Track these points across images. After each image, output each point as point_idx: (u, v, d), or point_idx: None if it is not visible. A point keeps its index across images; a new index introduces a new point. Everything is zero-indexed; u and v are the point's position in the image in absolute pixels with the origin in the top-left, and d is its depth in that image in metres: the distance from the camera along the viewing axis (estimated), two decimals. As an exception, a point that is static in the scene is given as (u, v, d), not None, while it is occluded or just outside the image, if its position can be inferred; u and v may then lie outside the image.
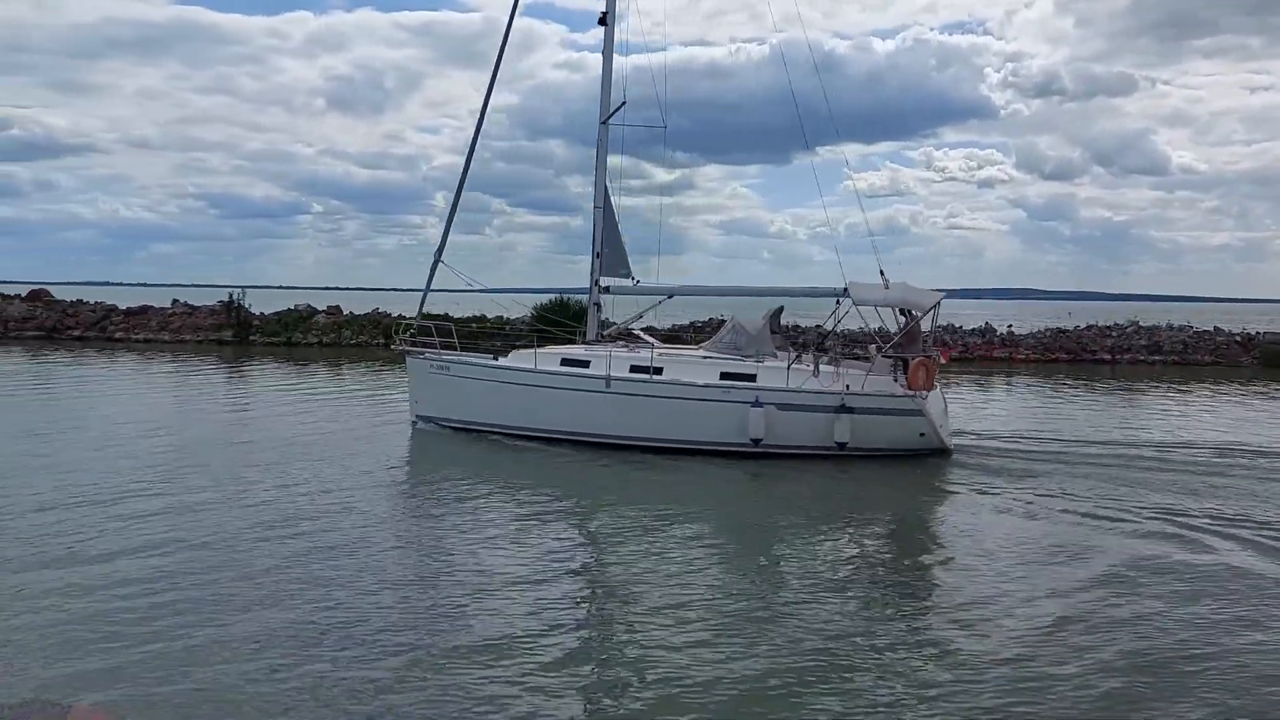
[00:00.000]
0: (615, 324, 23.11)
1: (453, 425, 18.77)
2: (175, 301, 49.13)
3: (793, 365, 16.86)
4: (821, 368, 17.07)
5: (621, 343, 19.75)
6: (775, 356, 17.29)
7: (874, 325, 18.45)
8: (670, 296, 20.02)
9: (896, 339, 17.51)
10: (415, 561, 10.20)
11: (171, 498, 12.78)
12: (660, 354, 17.96)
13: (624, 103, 19.67)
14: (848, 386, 16.48)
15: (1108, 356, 39.75)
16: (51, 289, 52.72)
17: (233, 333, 43.19)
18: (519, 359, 18.61)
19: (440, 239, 19.99)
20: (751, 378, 16.83)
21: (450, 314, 34.39)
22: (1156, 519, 12.17)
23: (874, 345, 18.45)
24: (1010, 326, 44.45)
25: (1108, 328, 43.26)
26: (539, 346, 18.86)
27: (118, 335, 44.00)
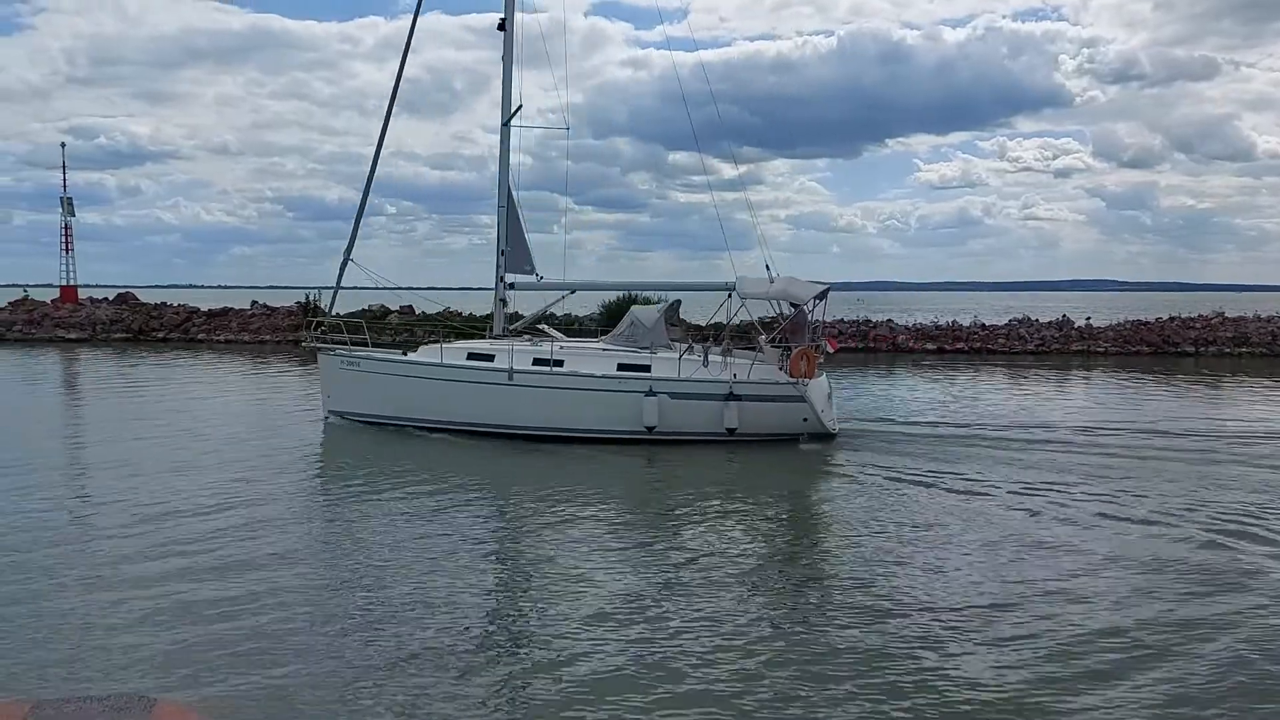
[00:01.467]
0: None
1: (363, 420, 19.39)
2: (254, 303, 50.41)
3: (684, 356, 17.68)
4: (711, 358, 17.74)
5: (527, 337, 20.57)
6: (670, 348, 18.07)
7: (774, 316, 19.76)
8: (572, 291, 21.23)
9: (780, 330, 18.79)
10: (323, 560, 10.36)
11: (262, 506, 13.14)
12: (561, 347, 18.73)
13: (520, 106, 20.48)
14: (735, 375, 17.35)
15: (1191, 349, 38.53)
16: (137, 292, 54.58)
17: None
18: (427, 354, 19.31)
19: (349, 240, 20.69)
20: (646, 369, 17.62)
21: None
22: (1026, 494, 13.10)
23: (763, 337, 19.12)
24: (1089, 319, 43.32)
25: (1191, 319, 41.90)
26: (448, 342, 19.78)
27: (200, 337, 45.34)
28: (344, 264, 20.32)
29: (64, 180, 58.02)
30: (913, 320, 47.12)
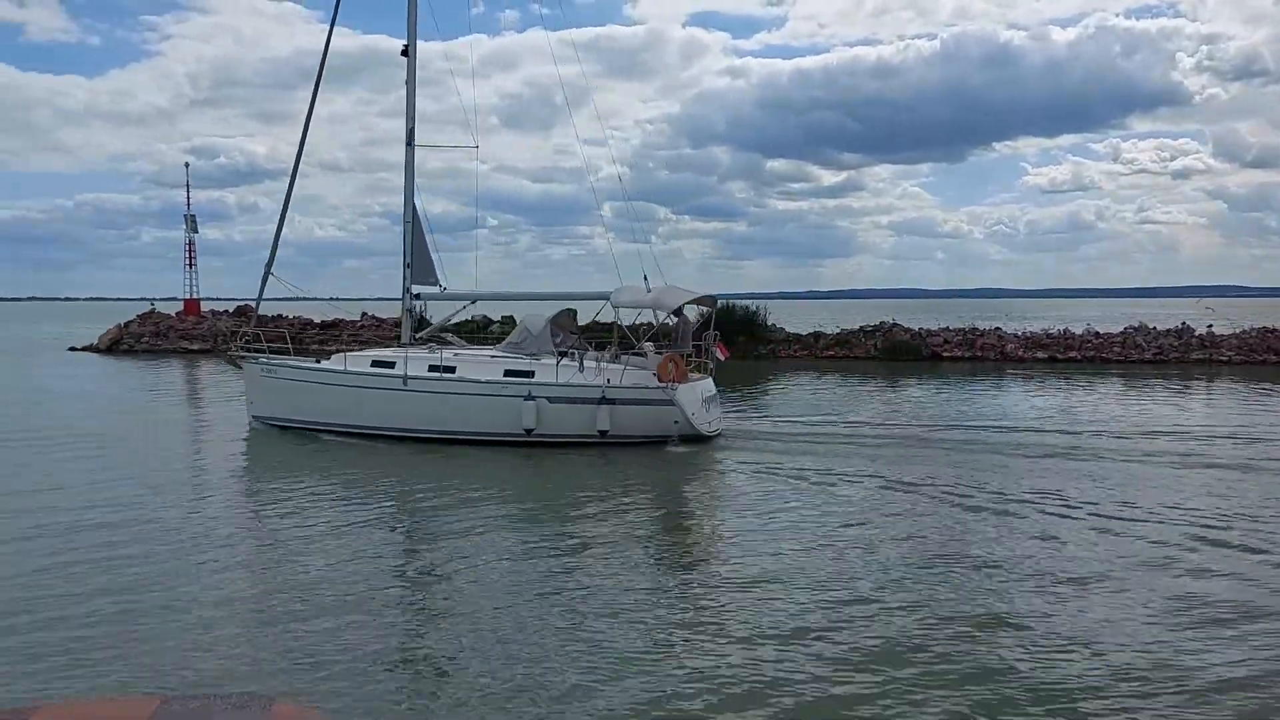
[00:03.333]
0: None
1: (280, 424, 20.31)
2: (364, 314, 51.98)
3: (561, 362, 18.39)
4: (586, 363, 18.36)
5: (433, 344, 21.44)
6: (553, 355, 18.76)
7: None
8: (474, 301, 22.58)
9: (648, 337, 19.79)
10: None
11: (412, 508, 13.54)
12: (456, 354, 19.78)
13: (412, 127, 21.58)
14: (608, 381, 18.06)
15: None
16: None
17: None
18: (335, 362, 20.24)
19: (270, 253, 21.54)
20: (529, 374, 18.47)
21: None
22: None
23: (647, 343, 19.89)
24: (1210, 327, 41.31)
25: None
26: (357, 350, 20.53)
27: (313, 347, 46.87)
28: (265, 276, 21.46)
29: (188, 198, 61.06)
30: (1022, 328, 45.75)
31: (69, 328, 73.40)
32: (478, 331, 45.67)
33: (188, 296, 58.73)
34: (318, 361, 20.90)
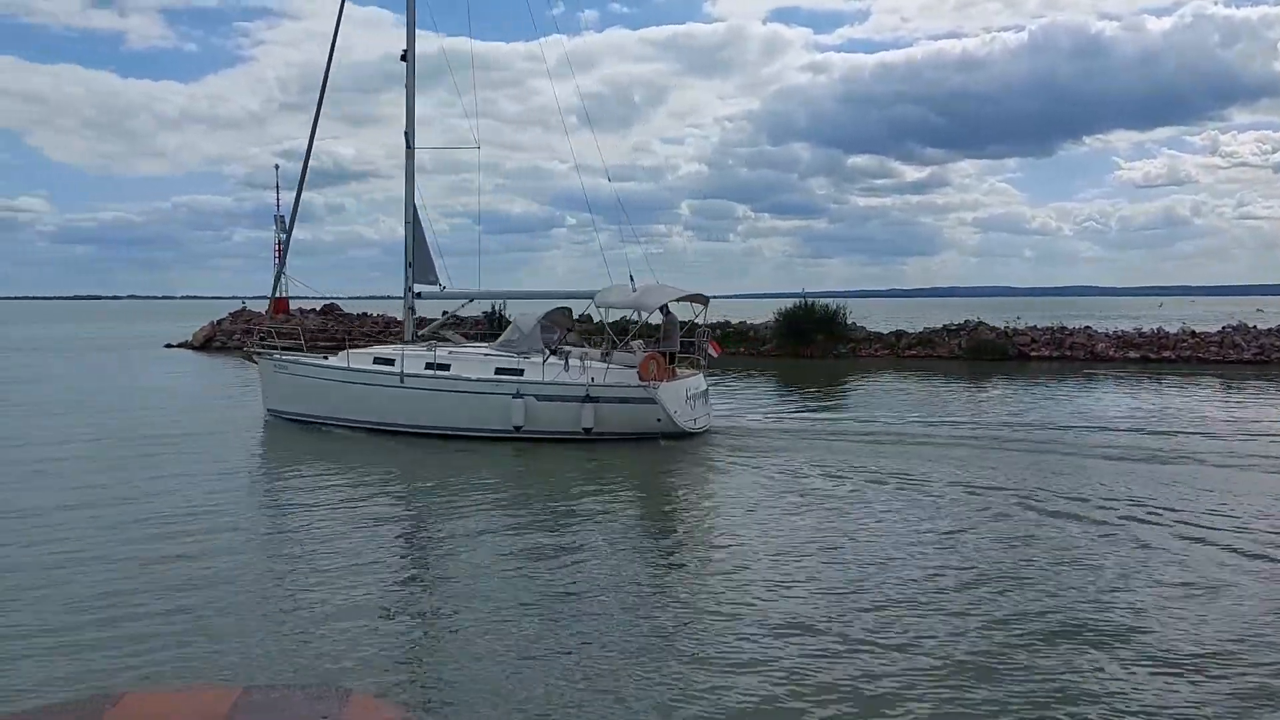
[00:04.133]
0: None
1: (291, 418, 21.07)
2: (444, 313, 52.74)
3: (548, 361, 18.84)
4: (571, 362, 18.73)
5: (434, 341, 21.94)
6: (542, 354, 19.16)
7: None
8: (471, 300, 23.18)
9: (630, 337, 20.24)
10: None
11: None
12: (451, 352, 20.20)
13: (411, 130, 22.09)
14: (593, 379, 18.46)
15: None
16: (341, 303, 58.20)
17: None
18: (342, 359, 20.75)
19: (281, 255, 21.85)
20: (519, 372, 18.91)
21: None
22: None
23: (637, 342, 20.30)
24: (1317, 325, 39.39)
25: None
26: (363, 347, 21.11)
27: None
28: (278, 276, 22.56)
29: (277, 200, 62.64)
30: (1113, 327, 44.31)
31: (166, 325, 76.13)
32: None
33: (277, 295, 60.26)
34: (324, 358, 21.52)
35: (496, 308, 47.09)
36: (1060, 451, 17.04)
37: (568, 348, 19.58)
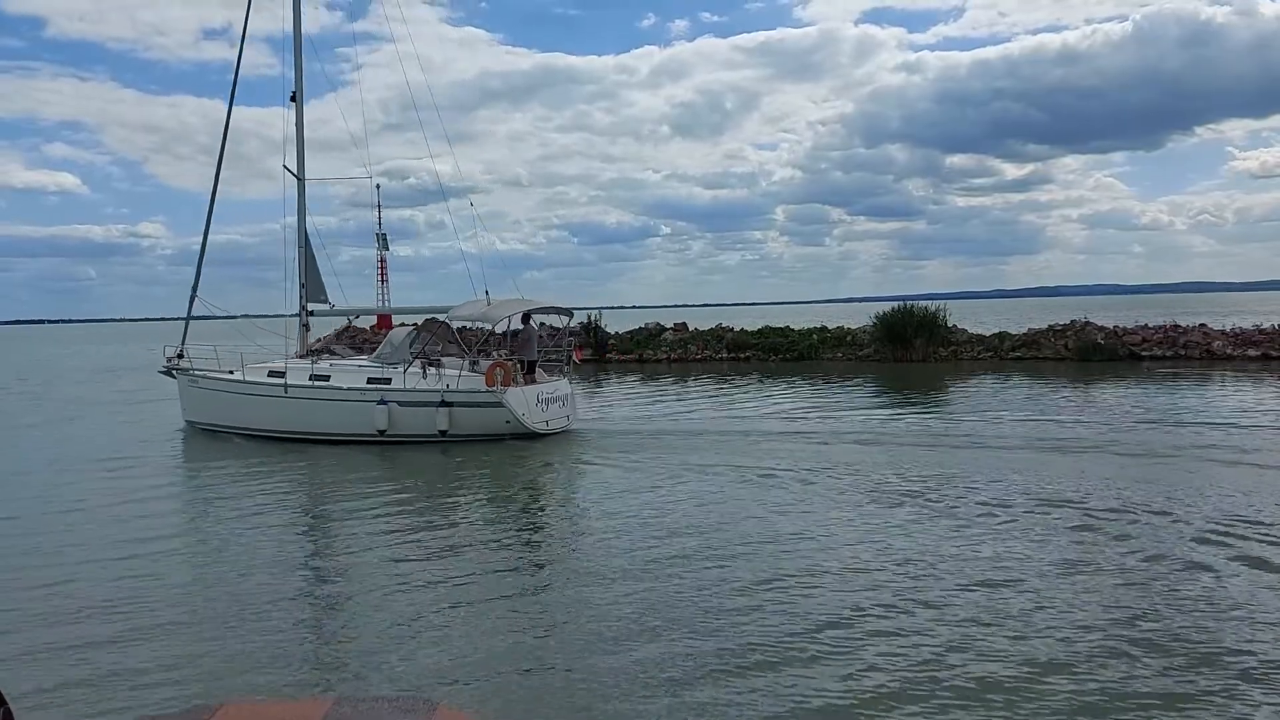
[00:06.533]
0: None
1: (204, 428, 23.00)
2: (541, 324, 53.46)
3: (409, 369, 20.67)
4: (430, 371, 20.56)
5: (328, 354, 23.99)
6: (410, 364, 20.92)
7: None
8: (357, 316, 24.44)
9: (478, 345, 22.68)
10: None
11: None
12: (333, 365, 22.20)
13: (301, 162, 24.06)
14: (448, 386, 20.19)
15: None
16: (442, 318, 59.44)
17: (591, 352, 46.23)
18: (247, 372, 22.61)
19: (194, 276, 24.27)
20: (387, 381, 20.77)
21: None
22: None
23: (503, 351, 22.25)
24: None
25: None
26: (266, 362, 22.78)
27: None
28: (192, 299, 24.10)
29: (379, 218, 64.44)
30: (1230, 324, 42.32)
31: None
32: (650, 339, 46.43)
33: (381, 310, 62.10)
34: (230, 373, 23.03)
35: (592, 318, 47.75)
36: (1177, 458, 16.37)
37: (442, 357, 21.43)
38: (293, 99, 23.95)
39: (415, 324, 23.72)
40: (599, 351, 45.91)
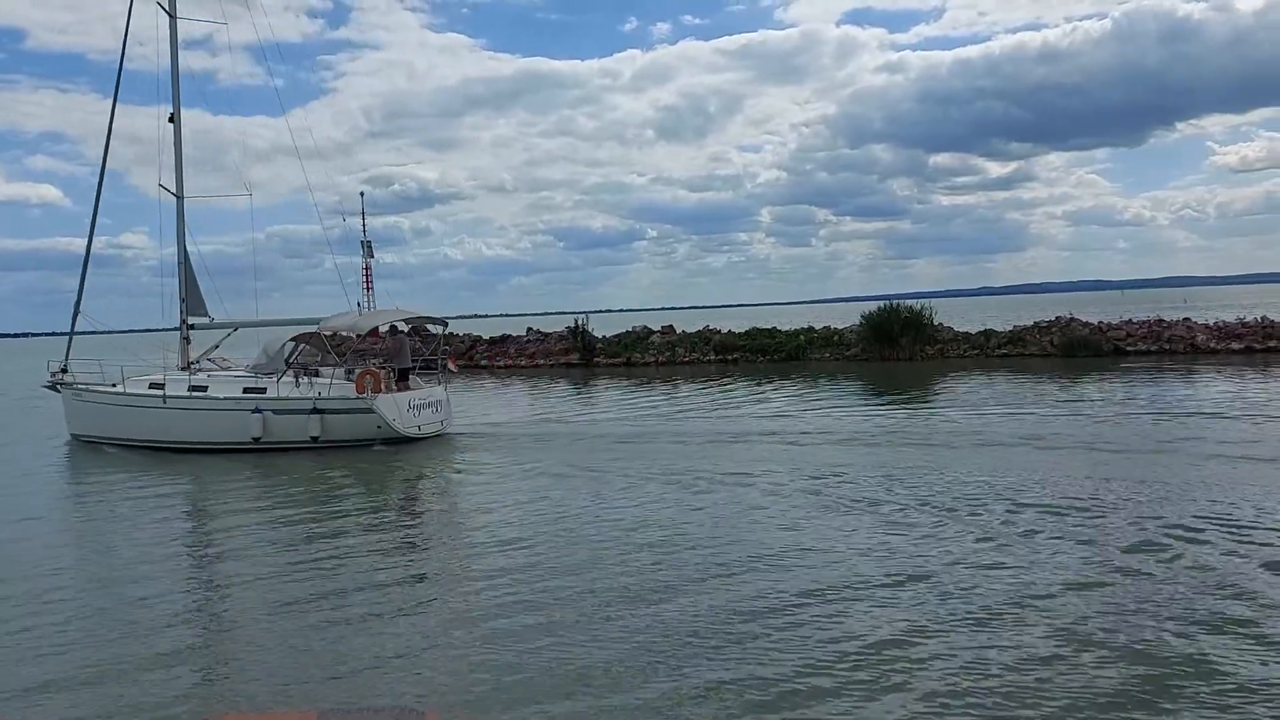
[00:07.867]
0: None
1: (88, 440, 23.21)
2: (529, 329, 53.52)
3: (283, 378, 21.38)
4: (301, 379, 21.42)
5: (210, 366, 24.17)
6: (285, 373, 21.61)
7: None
8: (236, 329, 24.89)
9: (348, 354, 23.76)
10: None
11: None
12: (211, 375, 22.71)
13: (180, 180, 24.27)
14: (319, 394, 20.90)
15: None
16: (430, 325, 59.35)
17: (579, 356, 46.16)
18: (123, 385, 22.83)
19: (77, 293, 24.57)
20: (262, 391, 21.32)
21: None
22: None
23: (377, 360, 22.77)
24: None
25: None
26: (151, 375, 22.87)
27: (482, 363, 48.76)
28: (75, 314, 24.35)
29: (363, 225, 64.16)
30: (1214, 318, 42.66)
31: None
32: (638, 342, 46.41)
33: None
34: (112, 386, 23.15)
35: (579, 323, 47.68)
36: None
37: (320, 367, 22.05)
38: (171, 120, 24.43)
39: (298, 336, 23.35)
40: (586, 356, 45.80)
